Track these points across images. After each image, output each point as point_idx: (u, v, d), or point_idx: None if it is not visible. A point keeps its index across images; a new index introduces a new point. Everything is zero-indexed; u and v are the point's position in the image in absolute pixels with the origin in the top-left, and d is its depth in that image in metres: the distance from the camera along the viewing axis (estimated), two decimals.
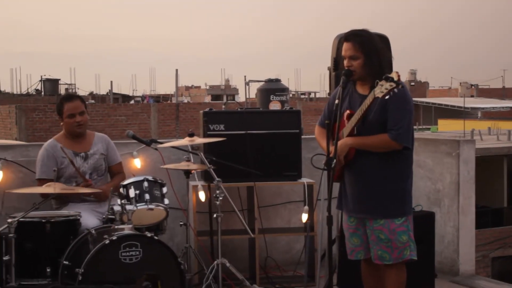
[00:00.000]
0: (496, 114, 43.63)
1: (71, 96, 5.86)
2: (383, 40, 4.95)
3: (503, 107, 45.53)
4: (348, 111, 4.35)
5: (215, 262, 5.19)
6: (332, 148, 4.22)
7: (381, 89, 4.02)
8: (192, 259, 5.72)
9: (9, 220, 4.58)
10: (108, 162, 5.72)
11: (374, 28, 4.44)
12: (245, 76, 16.75)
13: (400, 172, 4.34)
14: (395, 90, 4.00)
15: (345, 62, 4.33)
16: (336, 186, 4.43)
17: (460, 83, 57.47)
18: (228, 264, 5.22)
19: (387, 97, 4.02)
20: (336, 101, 4.25)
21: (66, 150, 5.46)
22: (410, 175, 4.43)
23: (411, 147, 4.31)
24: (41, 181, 5.31)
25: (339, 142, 4.29)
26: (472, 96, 52.82)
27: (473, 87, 56.49)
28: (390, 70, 4.27)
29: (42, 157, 5.53)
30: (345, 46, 4.33)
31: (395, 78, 4.00)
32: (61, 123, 5.61)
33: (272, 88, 8.29)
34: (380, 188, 4.32)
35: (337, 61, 5.53)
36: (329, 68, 5.69)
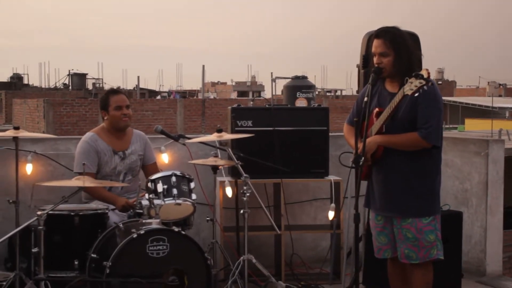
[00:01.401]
0: None
1: (117, 90, 5.94)
2: (413, 38, 4.93)
3: None
4: (377, 109, 4.34)
5: (241, 258, 5.20)
6: (360, 146, 4.21)
7: (411, 86, 4.00)
8: (218, 255, 5.74)
9: (39, 213, 4.62)
10: (144, 161, 5.76)
11: (403, 27, 4.42)
12: (271, 73, 16.71)
13: (428, 171, 4.32)
14: (425, 87, 3.98)
15: (375, 59, 4.32)
16: (363, 184, 4.42)
17: (488, 82, 56.99)
18: (254, 260, 5.23)
19: (416, 94, 4.00)
20: (365, 99, 4.24)
21: (107, 146, 5.50)
22: (439, 174, 4.40)
23: (440, 145, 4.29)
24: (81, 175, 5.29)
25: (368, 140, 4.27)
26: (500, 95, 52.32)
27: (501, 86, 55.96)
28: (420, 68, 4.24)
29: (83, 150, 5.48)
30: (375, 43, 4.31)
31: (425, 76, 3.99)
32: (105, 117, 5.60)
33: (299, 85, 8.26)
34: (408, 187, 4.30)
35: (366, 58, 5.52)
36: (357, 66, 5.68)
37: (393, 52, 4.24)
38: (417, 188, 4.30)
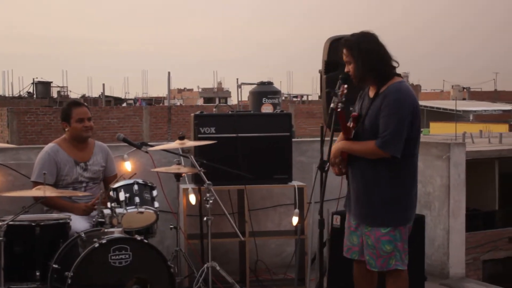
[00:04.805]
0: (488, 117, 43.77)
1: (79, 102, 5.91)
2: (371, 39, 4.85)
3: (494, 110, 45.71)
4: (355, 114, 4.35)
5: (205, 265, 5.19)
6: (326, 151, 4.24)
7: (333, 101, 4.19)
8: (182, 263, 5.72)
9: None
10: (105, 173, 5.73)
11: (365, 29, 4.37)
12: (237, 79, 16.68)
13: (388, 180, 4.23)
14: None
15: (345, 68, 4.36)
16: (328, 189, 4.43)
17: (452, 86, 57.67)
18: (218, 268, 5.22)
19: (340, 108, 4.16)
20: (332, 105, 4.25)
21: (68, 157, 5.48)
22: (404, 184, 4.28)
23: (398, 155, 4.15)
24: (37, 184, 5.25)
25: (333, 146, 4.31)
26: (464, 99, 52.99)
27: (465, 90, 56.68)
28: (385, 73, 4.24)
29: (43, 160, 5.48)
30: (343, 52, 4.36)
31: (339, 92, 4.17)
32: (66, 128, 5.58)
33: (264, 91, 8.27)
34: (368, 196, 4.28)
35: (328, 64, 5.54)
36: (320, 71, 5.70)
37: (352, 59, 4.27)
38: (376, 198, 4.25)
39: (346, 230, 4.55)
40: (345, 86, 4.23)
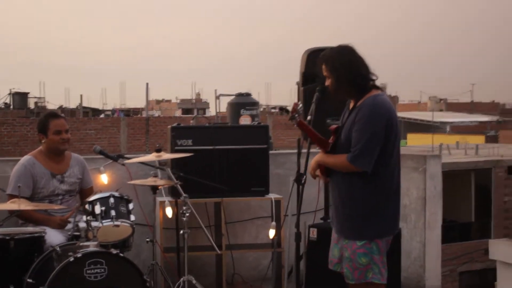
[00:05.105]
0: (465, 128, 44.07)
1: (56, 114, 5.83)
2: (346, 52, 4.84)
3: (471, 121, 46.01)
4: (333, 126, 4.35)
5: (182, 279, 5.17)
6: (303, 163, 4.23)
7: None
8: (159, 276, 5.67)
9: None
10: (81, 185, 5.70)
11: (344, 41, 4.38)
12: (215, 90, 16.64)
13: (361, 194, 4.21)
14: (292, 119, 4.17)
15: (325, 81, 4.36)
16: (305, 202, 4.43)
17: (429, 97, 58.02)
18: (194, 281, 5.20)
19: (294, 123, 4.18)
20: (308, 117, 4.26)
21: (44, 170, 5.44)
22: (379, 197, 4.24)
23: (369, 170, 4.12)
24: (12, 197, 5.20)
25: (312, 159, 4.32)
26: (441, 110, 53.31)
27: (442, 101, 57.04)
28: (362, 87, 4.25)
29: (19, 173, 5.42)
30: None
31: (290, 109, 4.18)
32: (43, 140, 5.53)
33: (242, 102, 8.24)
34: (344, 209, 4.27)
35: (306, 76, 5.54)
36: (297, 83, 5.71)
37: (329, 73, 4.28)
38: (351, 210, 4.24)
39: (331, 242, 4.54)
40: (298, 102, 4.25)
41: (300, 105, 4.26)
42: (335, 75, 4.23)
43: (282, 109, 4.25)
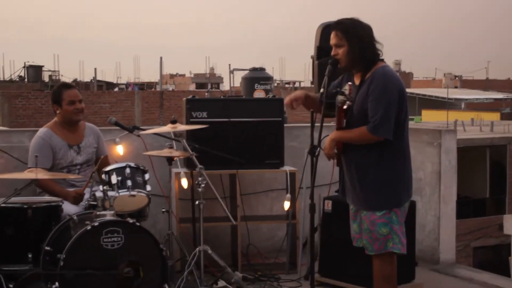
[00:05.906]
0: (479, 105, 43.86)
1: (69, 85, 5.90)
2: (362, 24, 4.87)
3: (486, 99, 45.76)
4: (346, 106, 4.35)
5: (197, 249, 5.21)
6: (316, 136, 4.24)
7: (338, 100, 4.23)
8: (174, 246, 5.73)
9: None
10: (97, 154, 5.73)
11: (360, 18, 4.41)
12: (229, 65, 16.59)
13: (380, 164, 4.26)
14: (348, 102, 4.20)
15: (332, 51, 4.35)
16: (319, 174, 4.43)
17: (444, 74, 57.73)
18: (210, 251, 5.24)
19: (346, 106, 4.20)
20: (321, 90, 4.26)
21: (61, 141, 5.48)
22: (395, 166, 4.28)
23: (391, 137, 4.18)
24: None
25: (326, 139, 4.33)
26: (456, 87, 53.01)
27: (457, 78, 56.72)
28: (374, 58, 4.27)
29: (39, 146, 5.45)
30: (331, 35, 4.34)
31: (347, 92, 4.19)
32: (57, 111, 5.58)
33: (257, 76, 8.26)
34: (362, 180, 4.30)
35: (320, 49, 5.54)
36: (312, 57, 5.71)
37: (346, 42, 4.27)
38: (369, 182, 4.28)
39: (350, 219, 4.56)
40: (350, 83, 4.26)
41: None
42: (353, 45, 4.23)
43: (338, 92, 4.27)
